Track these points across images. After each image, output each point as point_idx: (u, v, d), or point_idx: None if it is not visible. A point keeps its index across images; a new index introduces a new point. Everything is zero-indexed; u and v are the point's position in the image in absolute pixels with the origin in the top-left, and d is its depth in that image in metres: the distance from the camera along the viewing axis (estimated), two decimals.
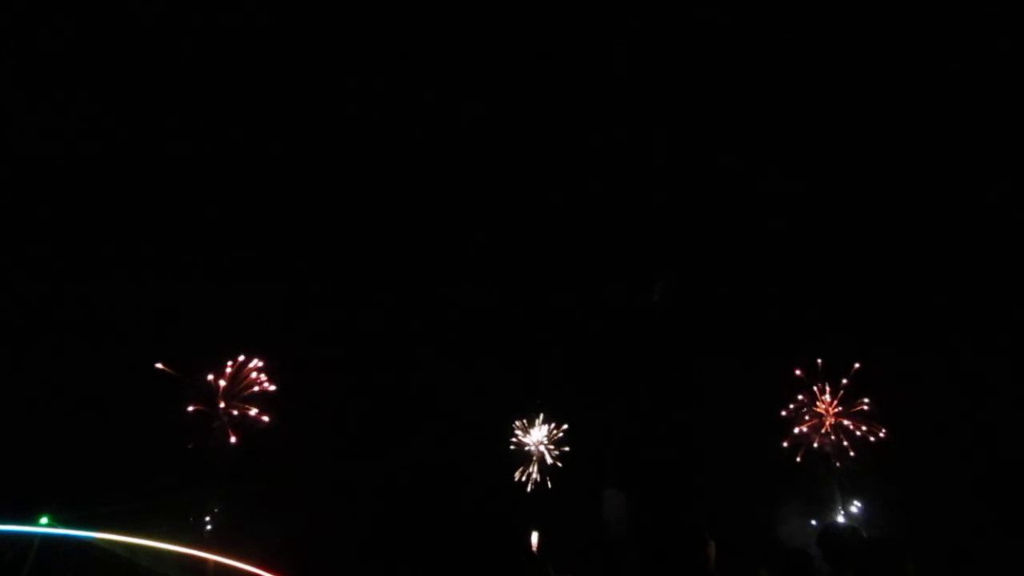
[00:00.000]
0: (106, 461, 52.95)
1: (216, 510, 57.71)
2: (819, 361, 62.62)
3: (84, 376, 54.71)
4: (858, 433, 61.59)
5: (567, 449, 66.64)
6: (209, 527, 56.89)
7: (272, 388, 60.37)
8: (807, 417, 62.79)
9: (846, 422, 61.78)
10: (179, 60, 58.93)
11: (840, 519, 59.33)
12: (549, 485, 65.87)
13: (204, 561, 49.38)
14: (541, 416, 66.70)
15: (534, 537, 61.99)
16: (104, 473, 52.16)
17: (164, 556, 47.03)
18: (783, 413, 63.13)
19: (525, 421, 66.68)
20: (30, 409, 53.16)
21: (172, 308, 57.77)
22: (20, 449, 51.45)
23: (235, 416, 59.55)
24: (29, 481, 49.71)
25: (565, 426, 66.74)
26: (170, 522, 53.71)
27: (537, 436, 66.50)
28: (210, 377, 59.49)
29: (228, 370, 59.74)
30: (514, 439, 66.34)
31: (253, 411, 59.25)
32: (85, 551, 45.24)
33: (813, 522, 58.86)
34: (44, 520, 47.38)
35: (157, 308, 57.59)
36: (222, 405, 59.79)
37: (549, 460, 66.07)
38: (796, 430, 62.84)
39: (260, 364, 60.34)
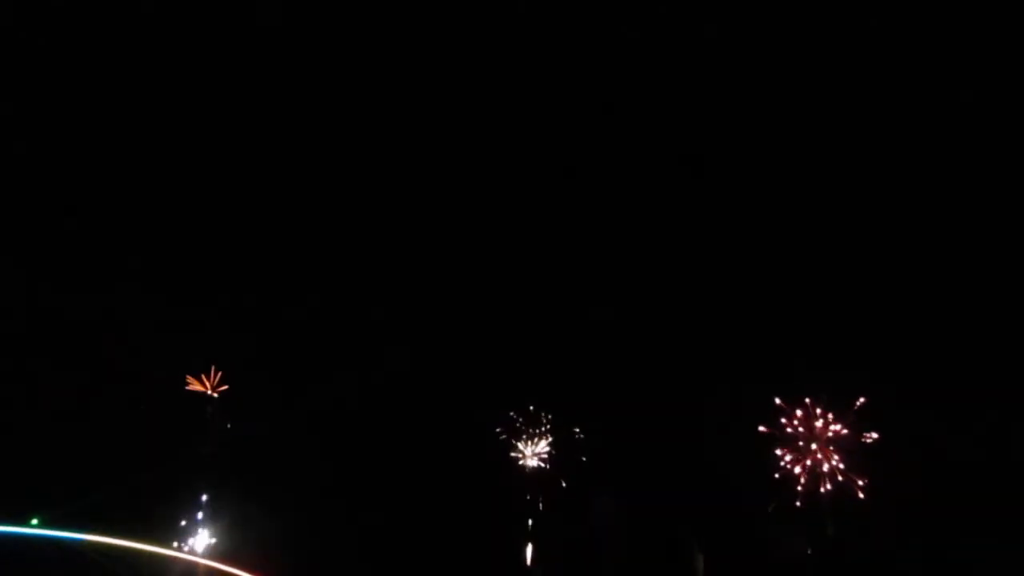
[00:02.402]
0: (98, 463, 52.75)
1: (208, 515, 57.49)
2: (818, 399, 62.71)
3: (74, 381, 54.55)
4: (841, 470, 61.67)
5: (559, 456, 66.73)
6: (201, 532, 56.67)
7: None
8: (800, 441, 62.66)
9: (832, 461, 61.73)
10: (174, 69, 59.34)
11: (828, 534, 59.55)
12: (542, 493, 66.01)
13: (195, 565, 49.33)
14: (541, 429, 66.87)
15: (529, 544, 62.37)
16: (96, 475, 51.94)
17: (155, 559, 46.81)
18: (780, 430, 63.04)
19: (523, 432, 66.82)
20: (21, 413, 52.98)
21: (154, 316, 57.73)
22: (11, 452, 51.27)
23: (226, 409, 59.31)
24: (21, 483, 49.55)
25: (550, 440, 66.93)
26: (162, 526, 53.75)
27: (532, 447, 66.67)
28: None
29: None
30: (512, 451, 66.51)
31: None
32: (75, 553, 45.11)
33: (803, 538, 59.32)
34: (35, 521, 47.26)
35: (141, 317, 57.55)
36: (214, 395, 59.58)
37: (542, 465, 66.22)
38: (780, 451, 62.64)
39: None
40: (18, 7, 53.26)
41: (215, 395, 59.48)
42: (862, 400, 60.84)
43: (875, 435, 60.36)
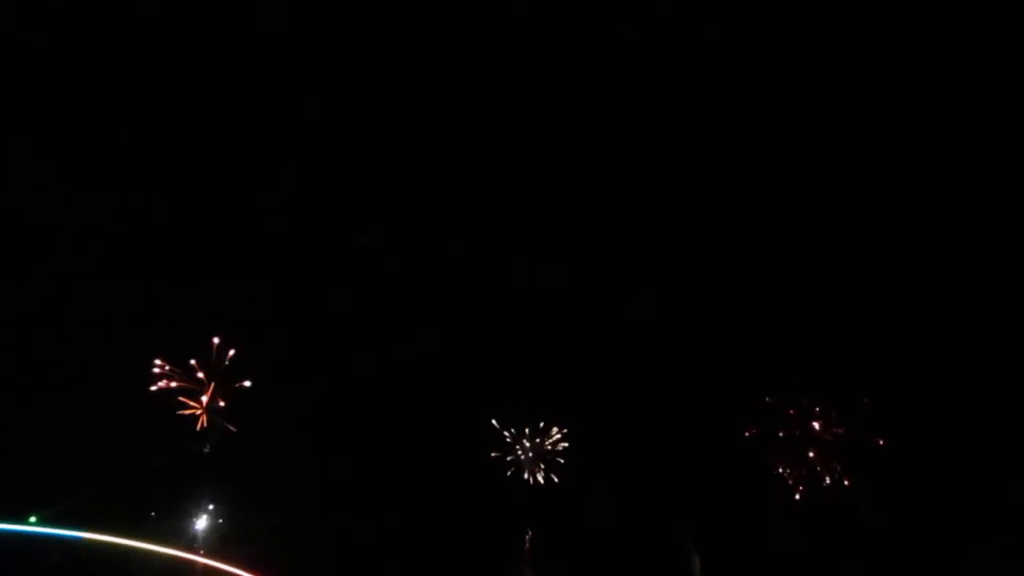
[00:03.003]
0: (96, 461, 52.95)
1: (207, 512, 57.62)
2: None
3: (72, 377, 54.83)
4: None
5: (560, 458, 66.86)
6: (200, 529, 56.80)
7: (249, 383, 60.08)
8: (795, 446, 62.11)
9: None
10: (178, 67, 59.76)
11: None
12: (541, 490, 66.12)
13: (192, 563, 49.48)
14: (540, 426, 66.98)
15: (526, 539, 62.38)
16: (94, 473, 52.16)
17: (152, 557, 46.94)
18: (772, 433, 62.71)
19: (515, 431, 66.92)
20: (17, 410, 53.29)
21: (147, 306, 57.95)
22: (9, 449, 51.51)
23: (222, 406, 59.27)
24: (19, 481, 49.78)
25: (559, 435, 67.01)
26: (160, 523, 53.92)
27: (530, 444, 66.81)
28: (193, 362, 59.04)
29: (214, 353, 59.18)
30: (506, 448, 66.63)
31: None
32: (74, 550, 45.32)
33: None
34: (33, 519, 47.47)
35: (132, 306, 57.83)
36: (207, 397, 59.55)
37: (542, 468, 66.34)
38: (770, 458, 62.21)
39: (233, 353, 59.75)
40: (18, 7, 53.79)
41: (221, 403, 59.52)
42: (866, 400, 60.51)
43: (881, 442, 59.99)
